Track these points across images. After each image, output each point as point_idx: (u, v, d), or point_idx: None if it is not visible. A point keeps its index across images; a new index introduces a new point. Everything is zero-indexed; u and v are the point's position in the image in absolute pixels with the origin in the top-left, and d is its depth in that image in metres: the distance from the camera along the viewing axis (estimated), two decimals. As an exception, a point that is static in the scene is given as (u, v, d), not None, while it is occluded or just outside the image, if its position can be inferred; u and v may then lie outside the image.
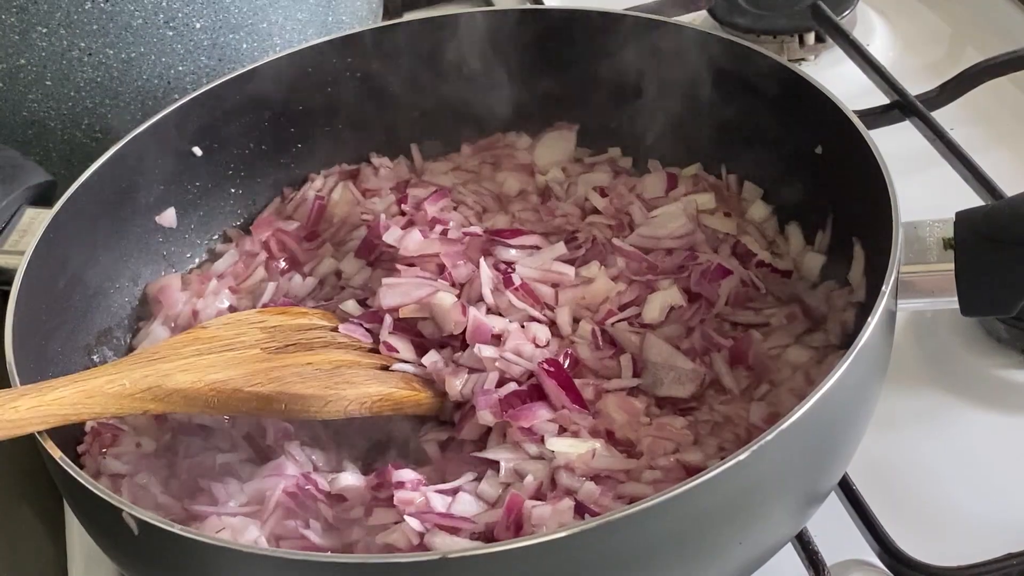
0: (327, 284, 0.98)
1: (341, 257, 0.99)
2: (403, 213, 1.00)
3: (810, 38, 1.30)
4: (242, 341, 0.83)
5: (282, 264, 1.01)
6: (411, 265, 0.92)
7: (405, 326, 0.89)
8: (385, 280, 0.90)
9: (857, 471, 0.82)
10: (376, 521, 0.77)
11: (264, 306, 0.94)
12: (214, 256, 1.03)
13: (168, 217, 1.00)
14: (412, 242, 0.93)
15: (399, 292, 0.89)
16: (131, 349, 0.95)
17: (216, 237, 1.05)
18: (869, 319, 0.71)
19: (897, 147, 0.91)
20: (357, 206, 1.04)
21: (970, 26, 1.35)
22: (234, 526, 0.76)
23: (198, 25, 1.07)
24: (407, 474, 0.78)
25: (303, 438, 0.84)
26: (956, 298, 0.78)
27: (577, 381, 0.83)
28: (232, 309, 0.97)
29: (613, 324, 0.89)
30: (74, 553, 0.93)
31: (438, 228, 0.96)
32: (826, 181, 0.92)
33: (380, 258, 0.96)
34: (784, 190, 0.97)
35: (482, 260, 0.91)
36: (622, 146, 1.07)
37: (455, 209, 1.01)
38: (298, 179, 1.08)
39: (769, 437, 0.64)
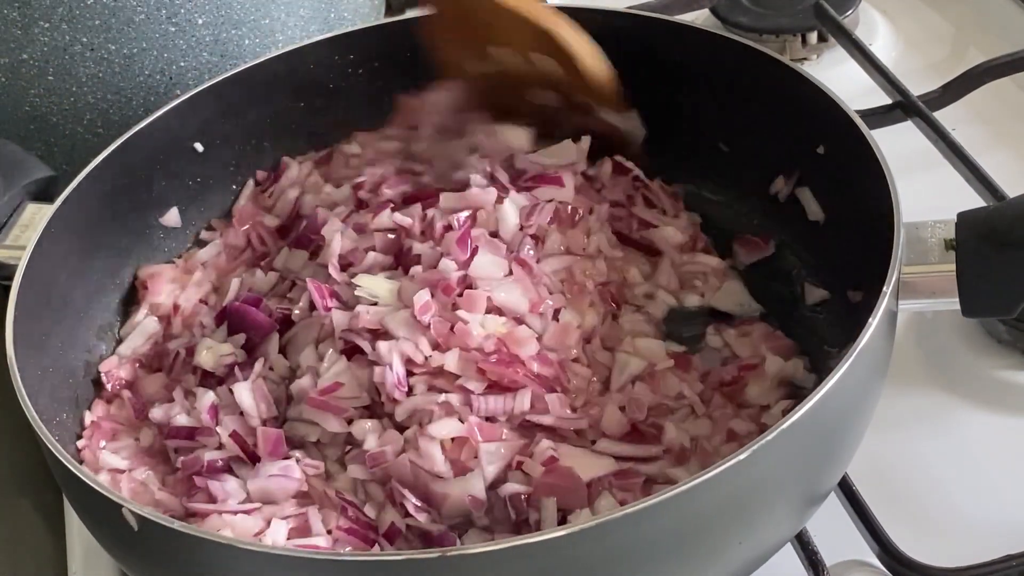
0: (288, 278, 0.97)
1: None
2: (360, 202, 0.98)
3: (812, 37, 1.30)
4: None
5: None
6: (349, 264, 0.91)
7: None
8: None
9: (857, 471, 0.82)
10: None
11: (230, 303, 0.92)
12: (200, 244, 1.03)
13: (171, 217, 1.00)
14: (348, 240, 0.92)
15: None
16: (120, 341, 0.95)
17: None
18: (870, 320, 0.71)
19: (899, 147, 0.91)
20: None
21: (973, 26, 1.35)
22: (235, 523, 0.76)
23: (200, 21, 1.07)
24: None
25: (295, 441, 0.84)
26: (957, 299, 0.78)
27: None
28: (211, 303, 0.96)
29: None
30: (74, 549, 0.93)
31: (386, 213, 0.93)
32: (827, 181, 0.92)
33: (317, 251, 0.95)
34: (785, 190, 0.97)
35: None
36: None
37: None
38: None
39: (769, 437, 0.64)
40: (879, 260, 0.76)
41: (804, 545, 0.80)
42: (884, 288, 0.73)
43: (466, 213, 0.90)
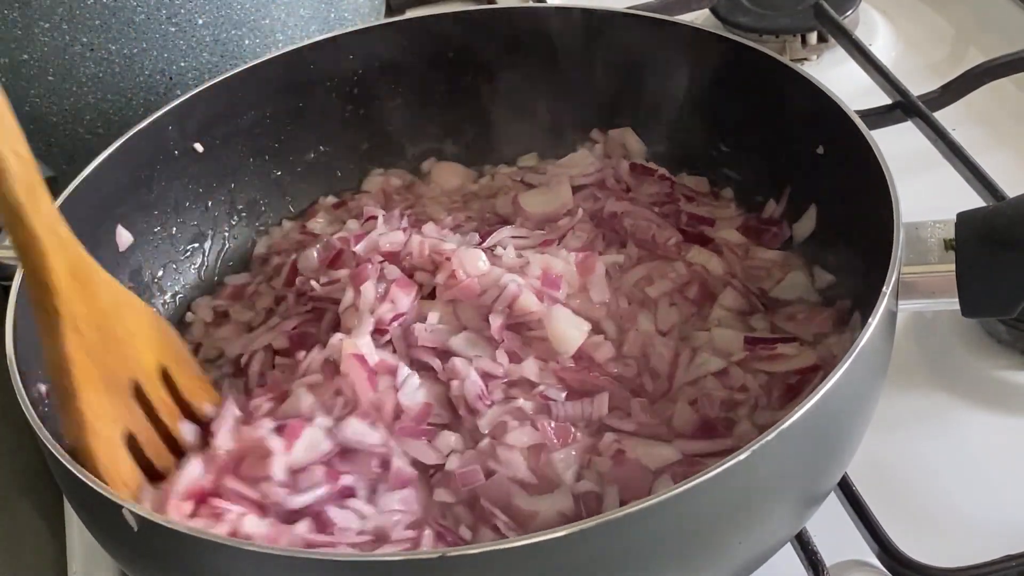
0: None
1: None
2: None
3: (812, 38, 1.30)
4: None
5: None
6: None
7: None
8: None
9: (857, 471, 0.82)
10: None
11: None
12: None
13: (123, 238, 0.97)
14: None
15: None
16: None
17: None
18: (870, 320, 0.71)
19: (899, 147, 0.91)
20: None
21: (973, 27, 1.35)
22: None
23: (200, 21, 1.07)
24: None
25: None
26: (957, 299, 0.78)
27: None
28: None
29: None
30: (74, 550, 0.93)
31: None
32: (827, 181, 0.92)
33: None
34: (784, 190, 0.97)
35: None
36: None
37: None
38: (298, 178, 1.08)
39: (769, 437, 0.64)
40: (879, 260, 0.76)
41: (804, 545, 0.80)
42: (884, 288, 0.73)
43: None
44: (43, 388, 0.81)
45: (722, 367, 0.84)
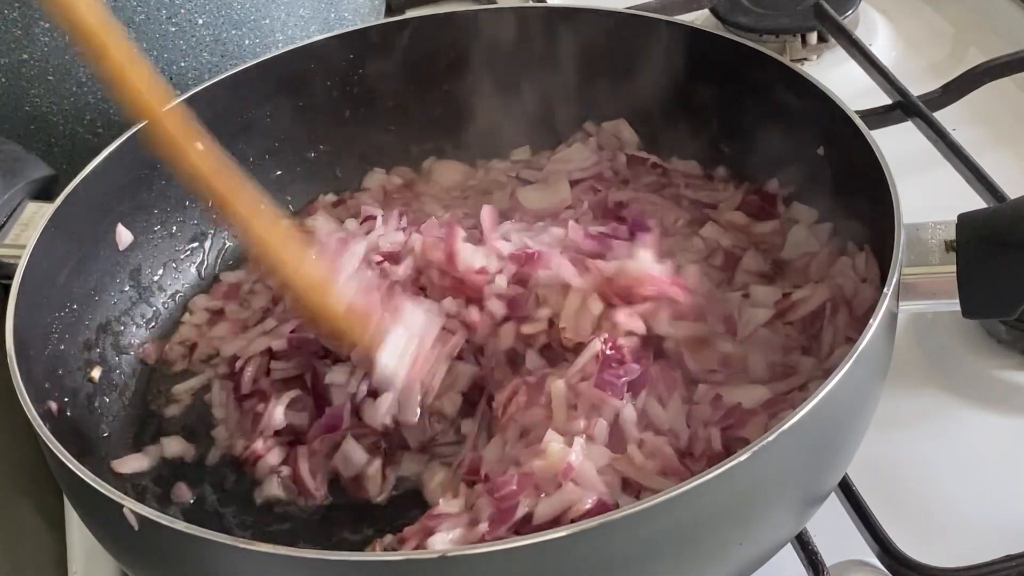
0: None
1: None
2: None
3: (812, 38, 1.30)
4: None
5: None
6: None
7: None
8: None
9: (857, 471, 0.82)
10: None
11: None
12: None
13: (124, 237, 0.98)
14: None
15: None
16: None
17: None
18: (871, 321, 0.71)
19: (899, 148, 0.90)
20: None
21: (973, 26, 1.35)
22: None
23: (200, 21, 1.07)
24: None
25: None
26: (958, 300, 0.78)
27: None
28: None
29: None
30: (74, 549, 0.93)
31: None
32: (827, 182, 0.92)
33: None
34: (784, 190, 0.97)
35: None
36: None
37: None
38: (299, 176, 1.08)
39: (770, 438, 0.64)
40: (880, 261, 0.76)
41: (804, 545, 0.80)
42: (885, 289, 0.73)
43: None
44: (53, 406, 0.82)
45: (769, 316, 0.86)
